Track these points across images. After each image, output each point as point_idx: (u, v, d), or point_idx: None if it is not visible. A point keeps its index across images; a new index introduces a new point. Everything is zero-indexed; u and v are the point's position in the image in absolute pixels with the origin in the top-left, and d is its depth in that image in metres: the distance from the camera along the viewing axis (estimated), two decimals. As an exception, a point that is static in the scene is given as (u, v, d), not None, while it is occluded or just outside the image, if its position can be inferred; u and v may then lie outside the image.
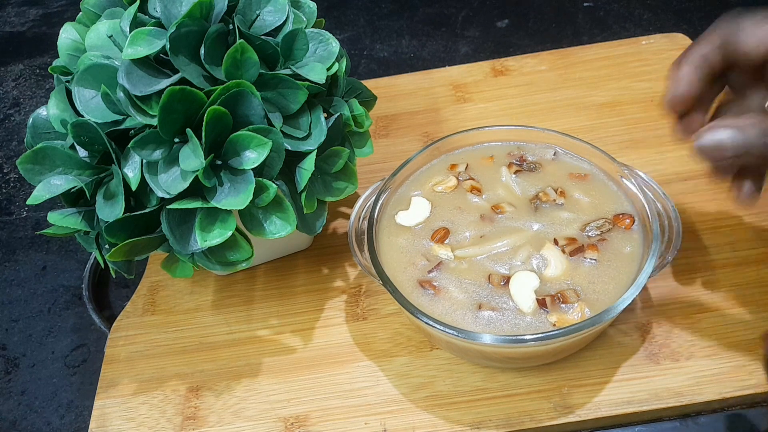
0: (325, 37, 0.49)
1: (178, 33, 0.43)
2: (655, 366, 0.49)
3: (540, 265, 0.48)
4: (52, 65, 0.49)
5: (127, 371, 0.54)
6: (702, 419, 0.47)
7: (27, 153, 0.45)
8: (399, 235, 0.52)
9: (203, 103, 0.43)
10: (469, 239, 0.51)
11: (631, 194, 0.52)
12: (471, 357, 0.49)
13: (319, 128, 0.48)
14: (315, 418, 0.49)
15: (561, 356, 0.49)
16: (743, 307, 0.52)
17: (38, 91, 0.96)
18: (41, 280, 0.69)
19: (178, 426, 0.50)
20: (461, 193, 0.54)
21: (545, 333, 0.43)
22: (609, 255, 0.48)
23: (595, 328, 0.44)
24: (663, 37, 0.77)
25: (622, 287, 0.46)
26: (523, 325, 0.45)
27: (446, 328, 0.44)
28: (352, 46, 0.96)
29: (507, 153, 0.57)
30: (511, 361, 0.49)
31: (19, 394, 0.59)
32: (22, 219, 0.76)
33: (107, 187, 0.46)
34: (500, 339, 0.43)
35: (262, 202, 0.45)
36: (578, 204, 0.52)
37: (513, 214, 0.52)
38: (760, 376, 0.47)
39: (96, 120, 0.44)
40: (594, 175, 0.54)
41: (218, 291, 0.59)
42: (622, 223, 0.50)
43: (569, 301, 0.46)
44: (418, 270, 0.49)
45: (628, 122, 0.68)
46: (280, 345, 0.54)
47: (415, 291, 0.48)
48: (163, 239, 0.46)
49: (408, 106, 0.74)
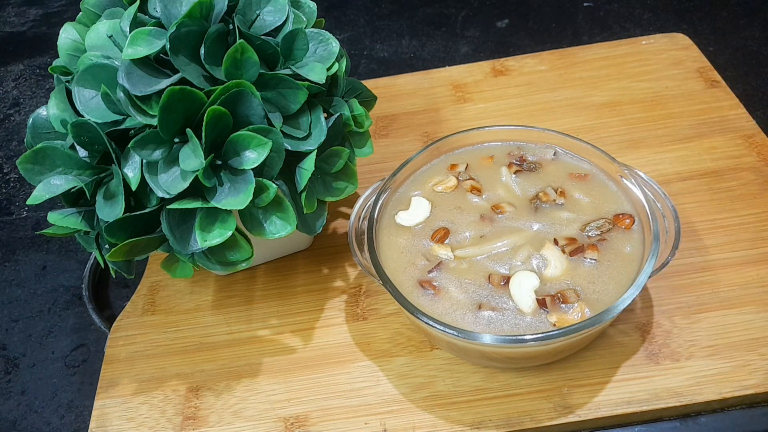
0: (325, 37, 0.49)
1: (178, 33, 0.43)
2: (655, 366, 0.49)
3: (540, 265, 0.48)
4: (52, 65, 0.49)
5: (127, 371, 0.54)
6: (702, 419, 0.47)
7: (27, 153, 0.45)
8: (399, 235, 0.52)
9: (203, 103, 0.43)
10: (469, 239, 0.51)
11: (631, 194, 0.52)
12: (471, 357, 0.49)
13: (319, 128, 0.48)
14: (315, 418, 0.49)
15: (561, 356, 0.49)
16: (743, 307, 0.52)
17: (38, 91, 0.96)
18: (41, 280, 0.69)
19: (178, 426, 0.50)
20: (461, 193, 0.54)
21: (545, 333, 0.43)
22: (609, 255, 0.48)
23: (596, 328, 0.44)
24: (663, 37, 0.77)
25: (622, 287, 0.46)
26: (523, 325, 0.45)
27: (446, 328, 0.44)
28: (352, 46, 0.96)
29: (507, 153, 0.57)
30: (511, 361, 0.49)
31: (19, 394, 0.59)
32: (22, 219, 0.76)
33: (107, 187, 0.46)
34: (500, 339, 0.43)
35: (262, 202, 0.45)
36: (578, 204, 0.52)
37: (513, 214, 0.52)
38: (760, 376, 0.47)
39: (96, 120, 0.44)
40: (594, 175, 0.54)
41: (218, 291, 0.59)
42: (622, 223, 0.50)
43: (569, 301, 0.46)
44: (418, 270, 0.49)
45: (628, 122, 0.68)
46: (280, 345, 0.54)
47: (415, 291, 0.48)
48: (163, 239, 0.46)
49: (408, 106, 0.74)
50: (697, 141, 0.65)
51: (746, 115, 0.67)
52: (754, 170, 0.61)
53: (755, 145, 0.64)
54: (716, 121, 0.66)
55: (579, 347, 0.49)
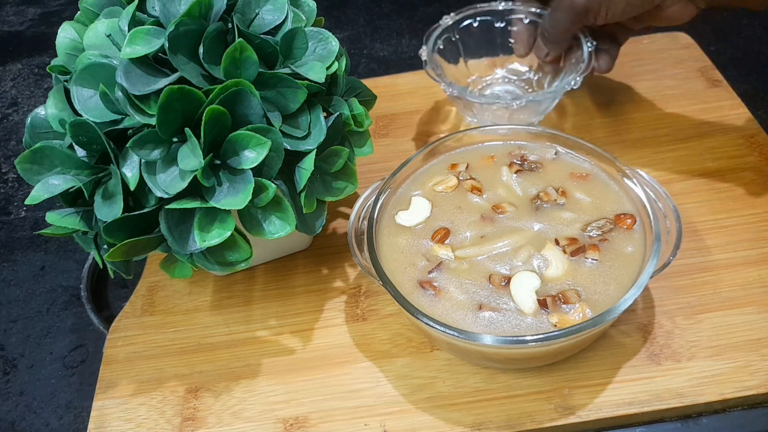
0: (324, 36, 0.49)
1: (177, 32, 0.43)
2: (656, 367, 0.49)
3: (541, 265, 0.48)
4: (50, 64, 0.49)
5: (126, 372, 0.54)
6: (703, 420, 0.47)
7: (25, 153, 0.45)
8: (399, 235, 0.52)
9: (202, 103, 0.43)
10: (469, 239, 0.51)
11: (632, 194, 0.51)
12: (471, 358, 0.49)
13: (319, 128, 0.48)
14: (314, 420, 0.49)
15: (562, 357, 0.49)
16: (745, 307, 0.51)
17: (36, 91, 0.96)
18: (40, 281, 0.69)
19: (177, 427, 0.50)
20: (462, 192, 0.54)
21: (546, 334, 0.43)
22: (610, 255, 0.48)
23: (597, 329, 0.44)
24: (664, 37, 0.77)
25: (623, 288, 0.46)
26: (523, 326, 0.45)
27: (446, 329, 0.44)
28: (352, 46, 0.96)
29: (508, 153, 0.56)
30: (512, 362, 0.49)
31: (17, 394, 0.59)
32: (20, 219, 0.76)
33: (106, 186, 0.45)
34: (501, 340, 0.43)
35: (261, 202, 0.45)
36: (579, 204, 0.52)
37: (514, 214, 0.52)
38: (762, 376, 0.47)
39: (94, 119, 0.44)
40: (595, 175, 0.54)
41: (217, 291, 0.59)
42: (624, 223, 0.50)
43: (570, 301, 0.45)
44: (418, 270, 0.49)
45: (629, 122, 0.68)
46: (280, 346, 0.54)
47: (415, 291, 0.48)
48: (161, 239, 0.46)
49: (408, 106, 0.74)
50: (699, 141, 0.65)
51: (748, 114, 0.66)
52: (755, 170, 0.61)
53: (757, 145, 0.63)
54: (717, 120, 0.66)
55: (580, 348, 0.49)
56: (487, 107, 0.64)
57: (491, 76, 0.72)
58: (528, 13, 0.67)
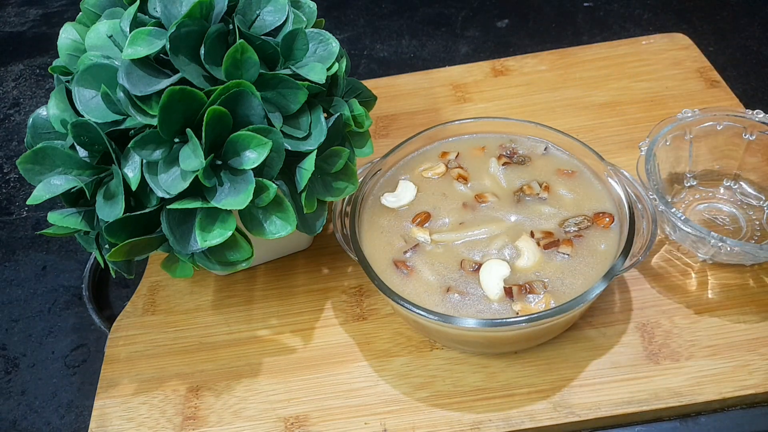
0: (325, 37, 0.49)
1: (178, 33, 0.43)
2: (655, 366, 0.49)
3: (513, 255, 0.49)
4: (52, 65, 0.49)
5: (127, 371, 0.54)
6: (702, 419, 0.47)
7: (27, 153, 0.45)
8: (382, 216, 0.53)
9: (203, 103, 0.43)
10: (448, 225, 0.52)
11: (614, 193, 0.52)
12: (438, 338, 0.51)
13: (319, 128, 0.48)
14: (315, 418, 0.49)
15: (526, 345, 0.50)
16: (743, 307, 0.52)
17: (38, 91, 0.96)
18: (41, 280, 0.69)
19: (178, 426, 0.50)
20: (448, 180, 0.55)
21: (501, 320, 0.44)
22: (583, 251, 0.49)
23: (556, 319, 0.45)
24: (663, 37, 0.77)
25: (590, 283, 0.47)
26: (487, 312, 0.46)
27: (404, 303, 0.45)
28: (352, 46, 0.96)
29: (499, 145, 0.57)
30: (469, 345, 0.50)
31: (19, 394, 0.59)
32: (22, 219, 0.76)
33: (107, 187, 0.46)
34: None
35: (262, 202, 0.45)
36: (561, 200, 0.53)
37: (495, 204, 0.53)
38: (760, 376, 0.47)
39: (96, 120, 0.44)
40: (581, 173, 0.55)
41: (218, 291, 0.59)
42: (602, 221, 0.51)
43: (536, 291, 0.47)
44: (395, 250, 0.51)
45: (628, 122, 0.68)
46: (280, 345, 0.54)
47: (388, 269, 0.49)
48: (163, 239, 0.46)
49: (408, 106, 0.74)
50: (697, 141, 0.65)
51: (746, 115, 0.66)
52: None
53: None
54: (716, 121, 0.66)
55: (544, 338, 0.50)
56: (685, 234, 0.52)
57: (714, 189, 0.60)
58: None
